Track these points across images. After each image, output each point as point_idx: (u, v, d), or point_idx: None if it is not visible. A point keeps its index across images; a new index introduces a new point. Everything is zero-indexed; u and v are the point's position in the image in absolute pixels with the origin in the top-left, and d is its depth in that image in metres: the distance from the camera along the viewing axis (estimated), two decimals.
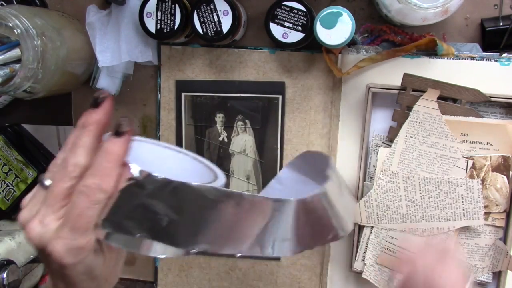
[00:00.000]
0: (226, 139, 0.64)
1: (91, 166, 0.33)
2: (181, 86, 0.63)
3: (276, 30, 0.55)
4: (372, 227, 0.57)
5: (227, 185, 0.57)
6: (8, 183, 0.67)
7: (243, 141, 0.63)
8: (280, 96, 0.61)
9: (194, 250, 0.33)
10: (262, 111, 0.62)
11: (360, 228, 0.58)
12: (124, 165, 0.34)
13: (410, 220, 0.55)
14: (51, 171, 0.35)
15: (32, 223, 0.34)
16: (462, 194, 0.53)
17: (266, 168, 0.63)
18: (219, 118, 0.63)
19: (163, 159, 0.46)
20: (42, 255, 0.35)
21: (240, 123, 0.63)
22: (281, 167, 0.63)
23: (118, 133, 0.34)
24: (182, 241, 0.34)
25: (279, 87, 0.61)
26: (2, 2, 0.61)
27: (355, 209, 0.54)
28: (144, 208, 0.33)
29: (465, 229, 0.55)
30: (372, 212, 0.56)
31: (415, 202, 0.55)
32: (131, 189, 0.33)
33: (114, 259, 0.38)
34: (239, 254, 0.34)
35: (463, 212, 0.53)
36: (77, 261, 0.34)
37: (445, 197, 0.54)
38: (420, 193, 0.55)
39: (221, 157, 0.64)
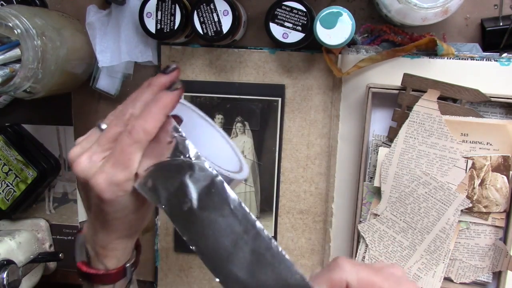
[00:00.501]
0: None
1: (141, 112, 0.37)
2: None
3: (276, 30, 0.55)
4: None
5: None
6: (8, 183, 0.67)
7: (241, 142, 0.63)
8: (279, 99, 0.61)
9: (192, 247, 0.35)
10: (262, 113, 0.62)
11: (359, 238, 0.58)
12: (169, 117, 0.38)
13: (418, 241, 0.55)
14: (109, 118, 0.40)
15: (81, 158, 0.38)
16: (426, 192, 0.53)
17: (264, 170, 0.63)
18: (218, 119, 0.63)
19: (195, 126, 0.47)
20: (85, 190, 0.39)
21: (239, 124, 0.63)
22: (279, 169, 0.63)
23: (171, 88, 0.39)
24: (188, 232, 0.35)
25: (279, 90, 0.61)
26: (2, 2, 0.61)
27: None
28: (180, 186, 0.36)
29: (465, 229, 0.55)
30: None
31: (406, 228, 0.55)
32: (182, 165, 0.36)
33: (146, 209, 0.41)
34: (217, 279, 0.35)
35: (440, 201, 0.53)
36: (114, 197, 0.37)
37: (419, 204, 0.54)
38: (402, 219, 0.55)
39: None
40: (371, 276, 0.34)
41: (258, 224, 0.34)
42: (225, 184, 0.35)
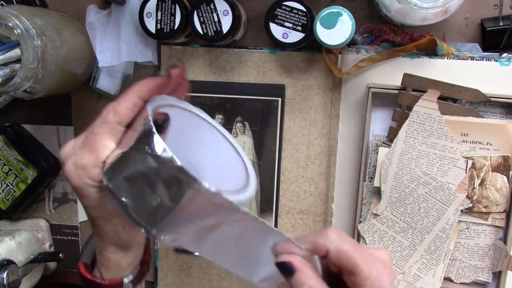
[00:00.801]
0: None
1: None
2: None
3: (276, 30, 0.55)
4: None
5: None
6: (8, 183, 0.67)
7: (241, 142, 0.63)
8: (279, 99, 0.61)
9: (163, 238, 0.33)
10: (262, 113, 0.62)
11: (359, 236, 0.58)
12: (145, 106, 0.37)
13: (418, 241, 0.55)
14: None
15: (65, 145, 0.39)
16: (426, 192, 0.53)
17: (264, 170, 0.63)
18: (218, 119, 0.63)
19: (197, 129, 0.44)
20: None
21: (239, 124, 0.63)
22: (279, 169, 0.63)
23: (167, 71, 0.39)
24: (158, 225, 0.33)
25: (279, 90, 0.61)
26: (2, 2, 0.61)
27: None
28: (145, 180, 0.33)
29: (465, 229, 0.55)
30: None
31: (406, 228, 0.55)
32: (145, 156, 0.33)
33: None
34: (196, 253, 0.34)
35: (440, 201, 0.53)
36: (83, 185, 0.37)
37: (419, 204, 0.54)
38: (403, 219, 0.55)
39: None
40: (350, 251, 0.34)
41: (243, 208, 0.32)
42: (197, 185, 0.31)
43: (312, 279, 0.34)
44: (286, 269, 0.34)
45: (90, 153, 0.37)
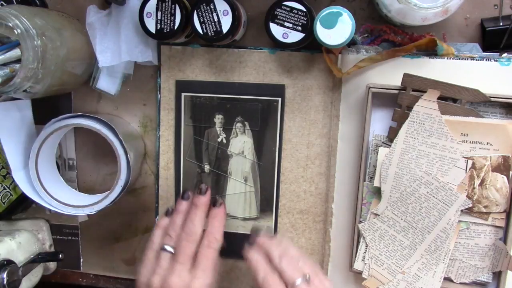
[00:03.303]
0: (224, 140, 0.64)
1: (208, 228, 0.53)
2: (181, 86, 0.64)
3: (276, 30, 0.55)
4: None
5: (223, 185, 0.63)
6: (5, 186, 0.67)
7: (241, 142, 0.63)
8: (279, 99, 0.61)
9: None
10: (262, 113, 0.62)
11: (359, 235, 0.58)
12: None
13: (419, 241, 0.55)
14: (169, 239, 0.53)
15: (171, 279, 0.49)
16: (428, 192, 0.53)
17: (264, 170, 0.63)
18: (218, 119, 0.63)
19: None
20: None
21: (239, 124, 0.63)
22: (279, 169, 0.63)
23: (216, 204, 0.55)
24: None
25: (279, 90, 0.61)
26: (2, 2, 0.61)
27: None
28: None
29: (465, 229, 0.55)
30: (389, 266, 0.56)
31: (406, 227, 0.55)
32: None
33: None
34: None
35: (441, 201, 0.53)
36: None
37: (420, 204, 0.54)
38: (403, 219, 0.55)
39: (219, 158, 0.64)
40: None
41: None
42: None
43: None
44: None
45: (211, 272, 0.50)
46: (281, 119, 0.62)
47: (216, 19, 0.55)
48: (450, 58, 0.55)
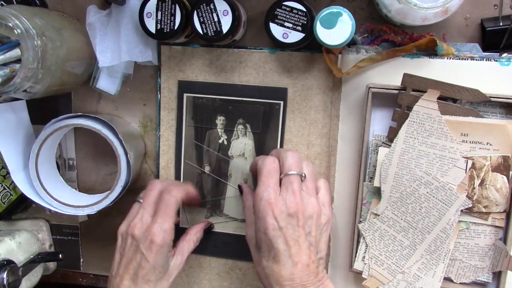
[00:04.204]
0: (225, 142, 0.64)
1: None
2: (184, 86, 0.63)
3: (276, 30, 0.55)
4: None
5: (223, 187, 0.64)
6: (5, 186, 0.67)
7: (242, 144, 0.63)
8: (282, 102, 0.61)
9: None
10: (263, 116, 0.62)
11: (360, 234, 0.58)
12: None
13: (419, 241, 0.55)
14: (143, 192, 0.59)
15: (133, 221, 0.54)
16: (428, 192, 0.53)
17: None
18: (220, 120, 0.63)
19: None
20: (134, 242, 0.54)
21: (240, 126, 0.63)
22: None
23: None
24: None
25: (281, 93, 0.61)
26: (2, 2, 0.61)
27: None
28: None
29: (465, 229, 0.55)
30: (389, 266, 0.56)
31: (406, 227, 0.55)
32: None
33: (175, 275, 0.56)
34: None
35: (441, 201, 0.53)
36: (163, 243, 0.52)
37: (420, 204, 0.54)
38: (403, 219, 0.55)
39: (220, 160, 0.64)
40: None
41: None
42: None
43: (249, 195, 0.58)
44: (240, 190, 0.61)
45: (169, 218, 0.53)
46: (283, 122, 0.62)
47: (216, 19, 0.55)
48: (450, 58, 0.55)
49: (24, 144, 0.63)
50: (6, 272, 0.58)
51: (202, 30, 0.56)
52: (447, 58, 0.55)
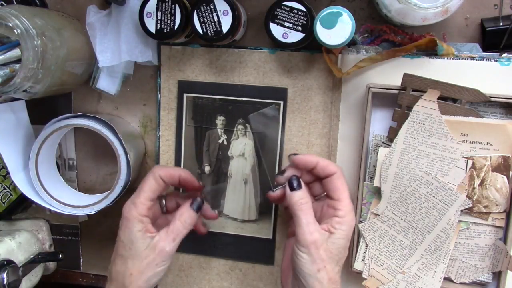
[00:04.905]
0: (225, 142, 0.64)
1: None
2: (184, 86, 0.63)
3: (276, 30, 0.55)
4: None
5: (223, 187, 0.65)
6: (5, 186, 0.67)
7: (242, 144, 0.63)
8: (282, 102, 0.61)
9: None
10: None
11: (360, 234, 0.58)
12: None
13: (419, 241, 0.55)
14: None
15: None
16: (428, 192, 0.53)
17: (265, 172, 0.63)
18: (220, 120, 0.63)
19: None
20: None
21: (240, 126, 0.63)
22: (279, 170, 0.63)
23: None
24: None
25: (281, 93, 0.61)
26: (2, 2, 0.61)
27: None
28: None
29: (465, 229, 0.55)
30: (389, 266, 0.57)
31: (406, 227, 0.55)
32: None
33: (152, 258, 0.51)
34: None
35: (441, 201, 0.53)
36: (129, 215, 0.52)
37: (420, 204, 0.54)
38: (403, 219, 0.55)
39: (220, 160, 0.64)
40: (344, 190, 0.53)
41: None
42: None
43: (307, 198, 0.51)
44: (293, 184, 0.52)
45: (141, 192, 0.53)
46: (283, 122, 0.62)
47: (216, 19, 0.55)
48: (450, 58, 0.55)
49: (23, 144, 0.63)
50: (6, 272, 0.58)
51: (202, 30, 0.56)
52: (447, 58, 0.55)
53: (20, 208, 0.70)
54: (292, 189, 0.51)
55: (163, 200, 0.59)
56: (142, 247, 0.51)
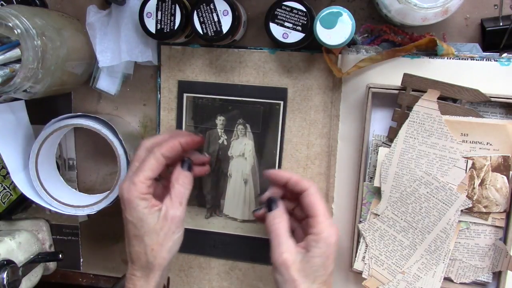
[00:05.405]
0: (225, 142, 0.64)
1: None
2: (184, 86, 0.63)
3: (276, 30, 0.55)
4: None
5: (223, 187, 0.64)
6: (5, 186, 0.67)
7: (242, 144, 0.63)
8: (282, 102, 0.61)
9: None
10: (263, 116, 0.62)
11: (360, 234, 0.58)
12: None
13: (419, 241, 0.55)
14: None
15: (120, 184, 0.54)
16: (428, 192, 0.53)
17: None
18: (220, 120, 0.63)
19: None
20: (121, 202, 0.52)
21: (240, 127, 0.63)
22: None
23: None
24: None
25: (281, 93, 0.61)
26: (2, 2, 0.61)
27: None
28: None
29: (465, 229, 0.55)
30: (389, 266, 0.57)
31: (406, 227, 0.55)
32: None
33: (167, 228, 0.51)
34: None
35: (441, 201, 0.53)
36: (130, 196, 0.50)
37: (420, 204, 0.54)
38: (403, 219, 0.55)
39: (220, 160, 0.64)
40: (321, 207, 0.51)
41: None
42: None
43: (281, 217, 0.51)
44: (271, 206, 0.52)
45: (140, 172, 0.51)
46: (283, 122, 0.62)
47: (216, 19, 0.55)
48: (450, 58, 0.55)
49: (23, 144, 0.63)
50: (6, 272, 0.58)
51: (202, 30, 0.56)
52: (447, 58, 0.55)
53: (20, 208, 0.69)
54: (269, 209, 0.52)
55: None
56: (153, 221, 0.50)
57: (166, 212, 0.51)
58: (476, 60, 0.54)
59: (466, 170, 0.53)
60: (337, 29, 0.51)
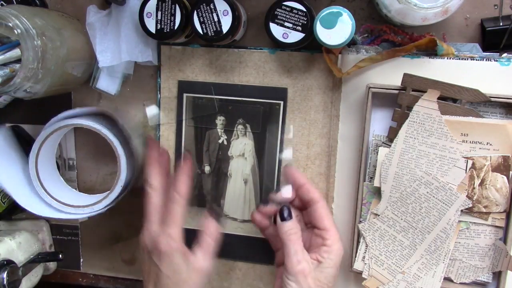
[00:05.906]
0: (225, 142, 0.64)
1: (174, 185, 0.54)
2: (183, 86, 0.63)
3: (276, 30, 0.55)
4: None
5: (223, 187, 0.65)
6: None
7: (242, 144, 0.63)
8: (282, 102, 0.61)
9: None
10: (263, 116, 0.62)
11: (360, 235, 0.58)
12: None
13: (419, 241, 0.55)
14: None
15: (142, 233, 0.53)
16: (428, 192, 0.53)
17: (264, 172, 0.63)
18: (220, 120, 0.63)
19: None
20: (147, 254, 0.52)
21: (240, 126, 0.63)
22: (279, 172, 0.63)
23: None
24: None
25: (281, 93, 0.61)
26: (2, 2, 0.61)
27: None
28: None
29: (465, 229, 0.55)
30: (389, 266, 0.57)
31: (406, 227, 0.55)
32: None
33: (198, 278, 0.52)
34: None
35: (441, 201, 0.53)
36: (170, 250, 0.50)
37: (420, 204, 0.54)
38: (403, 219, 0.55)
39: (220, 160, 0.64)
40: (328, 217, 0.54)
41: None
42: None
43: (296, 228, 0.52)
44: (284, 214, 0.53)
45: (173, 224, 0.51)
46: (283, 122, 0.62)
47: (216, 19, 0.55)
48: (450, 58, 0.55)
49: (17, 165, 0.64)
50: (6, 272, 0.58)
51: (202, 30, 0.56)
52: (447, 58, 0.55)
53: (20, 208, 0.69)
54: (282, 219, 0.53)
55: None
56: (184, 272, 0.51)
57: (195, 263, 0.52)
58: (476, 60, 0.54)
59: (466, 170, 0.53)
60: (337, 29, 0.51)
